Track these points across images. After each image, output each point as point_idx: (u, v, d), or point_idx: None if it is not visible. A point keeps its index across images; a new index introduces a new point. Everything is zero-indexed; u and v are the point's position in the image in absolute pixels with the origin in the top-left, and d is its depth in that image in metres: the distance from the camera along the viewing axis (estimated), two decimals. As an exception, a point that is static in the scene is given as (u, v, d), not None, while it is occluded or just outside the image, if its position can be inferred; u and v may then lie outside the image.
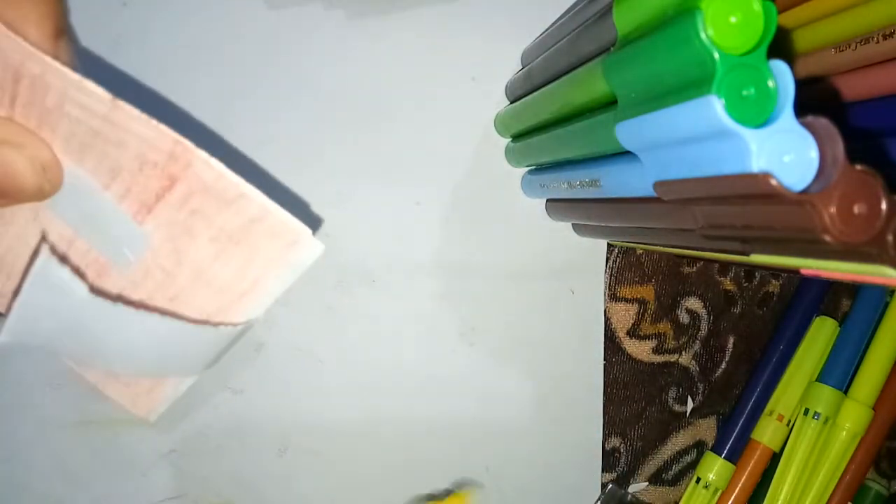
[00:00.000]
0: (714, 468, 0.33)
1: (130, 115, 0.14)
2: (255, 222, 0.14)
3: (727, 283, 0.35)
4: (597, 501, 0.33)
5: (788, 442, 0.33)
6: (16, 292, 0.16)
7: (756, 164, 0.14)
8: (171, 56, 0.27)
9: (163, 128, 0.13)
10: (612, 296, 0.33)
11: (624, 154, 0.20)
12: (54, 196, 0.15)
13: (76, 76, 0.14)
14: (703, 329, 0.34)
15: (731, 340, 0.35)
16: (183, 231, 0.14)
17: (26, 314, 0.16)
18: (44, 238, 0.15)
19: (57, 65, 0.14)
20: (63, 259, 0.15)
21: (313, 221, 0.29)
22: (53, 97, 0.14)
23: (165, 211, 0.14)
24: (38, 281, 0.15)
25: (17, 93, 0.14)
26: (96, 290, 0.16)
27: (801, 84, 0.14)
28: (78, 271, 0.16)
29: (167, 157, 0.14)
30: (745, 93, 0.14)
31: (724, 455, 0.33)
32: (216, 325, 0.15)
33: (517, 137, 0.30)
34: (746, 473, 0.33)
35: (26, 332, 0.16)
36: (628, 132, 0.19)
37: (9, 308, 0.16)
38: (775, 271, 0.35)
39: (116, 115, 0.14)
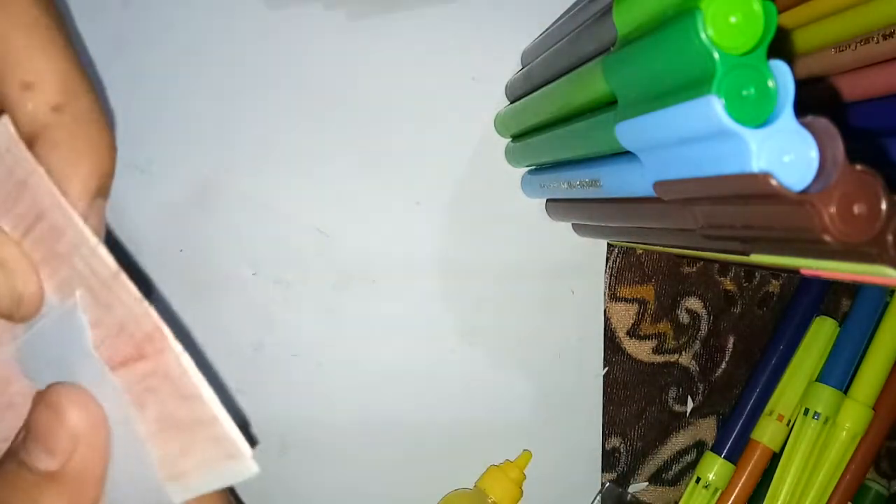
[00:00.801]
0: (714, 468, 0.33)
1: (127, 290, 0.14)
2: (203, 424, 0.14)
3: (727, 283, 0.35)
4: (594, 500, 0.33)
5: (788, 442, 0.33)
6: None
7: (756, 164, 0.14)
8: (171, 56, 0.27)
9: (152, 311, 0.14)
10: (612, 296, 0.33)
11: (624, 154, 0.20)
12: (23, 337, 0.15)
13: (94, 241, 0.14)
14: (703, 329, 0.34)
15: (731, 340, 0.35)
16: (134, 400, 0.15)
17: None
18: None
19: (81, 226, 0.14)
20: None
21: (314, 222, 0.29)
22: (65, 246, 0.14)
23: (125, 376, 0.15)
24: None
25: (34, 228, 0.14)
26: None
27: (801, 84, 0.14)
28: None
29: (145, 336, 0.14)
30: (745, 93, 0.14)
31: (724, 455, 0.33)
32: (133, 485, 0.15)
33: (517, 137, 0.30)
34: (746, 473, 0.33)
35: None
36: (628, 132, 0.19)
37: None
38: (775, 271, 0.35)
39: (115, 284, 0.14)
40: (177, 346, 0.14)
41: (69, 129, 0.13)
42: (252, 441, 0.23)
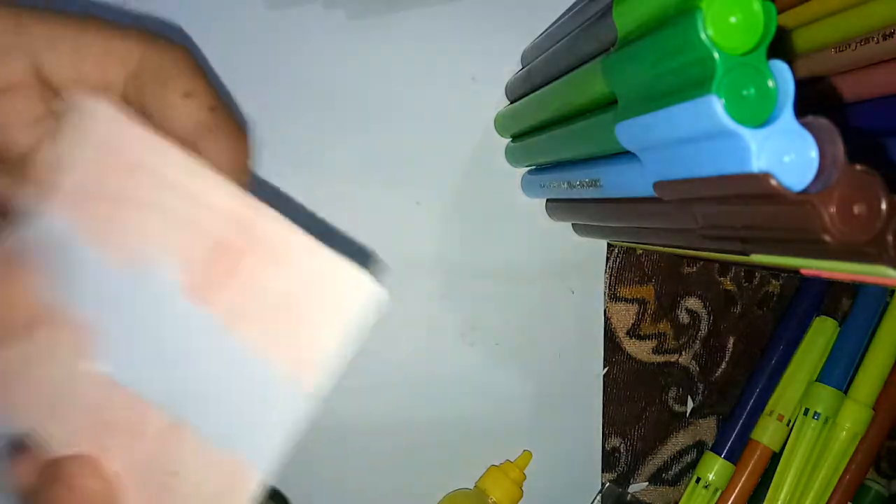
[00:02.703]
0: (714, 468, 0.33)
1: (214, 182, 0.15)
2: (311, 276, 0.14)
3: (727, 283, 0.35)
4: (594, 500, 0.33)
5: (788, 442, 0.33)
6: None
7: (756, 164, 0.14)
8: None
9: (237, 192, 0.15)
10: (612, 296, 0.33)
11: (624, 154, 0.20)
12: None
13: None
14: (703, 329, 0.34)
15: (731, 340, 0.35)
16: (235, 317, 0.15)
17: None
18: None
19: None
20: None
21: (314, 222, 0.29)
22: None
23: (223, 296, 0.15)
24: None
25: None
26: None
27: (801, 84, 0.14)
28: None
29: (238, 228, 0.14)
30: (745, 93, 0.14)
31: (724, 455, 0.33)
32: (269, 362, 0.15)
33: (517, 137, 0.30)
34: (746, 473, 0.33)
35: None
36: (628, 132, 0.19)
37: None
38: (775, 271, 0.35)
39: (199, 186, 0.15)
40: (268, 211, 0.14)
41: (225, 123, 0.16)
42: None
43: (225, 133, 0.16)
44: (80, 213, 0.14)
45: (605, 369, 0.33)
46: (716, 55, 0.14)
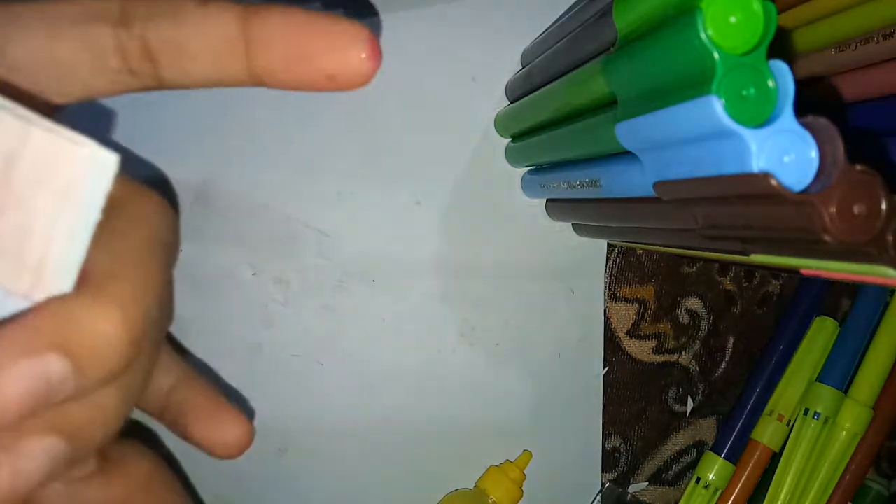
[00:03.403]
0: (714, 468, 0.33)
1: None
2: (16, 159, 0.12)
3: (727, 283, 0.35)
4: (594, 500, 0.33)
5: (788, 442, 0.33)
6: None
7: (756, 164, 0.14)
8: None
9: None
10: (612, 296, 0.33)
11: (624, 154, 0.20)
12: None
13: None
14: (703, 329, 0.34)
15: (731, 340, 0.35)
16: None
17: None
18: None
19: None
20: None
21: (314, 222, 0.29)
22: None
23: None
24: None
25: None
26: None
27: (801, 84, 0.14)
28: None
29: None
30: (745, 93, 0.14)
31: (724, 455, 0.33)
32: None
33: (517, 137, 0.30)
34: (746, 473, 0.33)
35: None
36: (628, 132, 0.19)
37: None
38: (775, 271, 0.35)
39: None
40: None
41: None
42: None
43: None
44: None
45: (605, 369, 0.33)
46: (716, 55, 0.14)
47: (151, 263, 0.14)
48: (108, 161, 0.13)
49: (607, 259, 0.32)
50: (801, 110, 0.14)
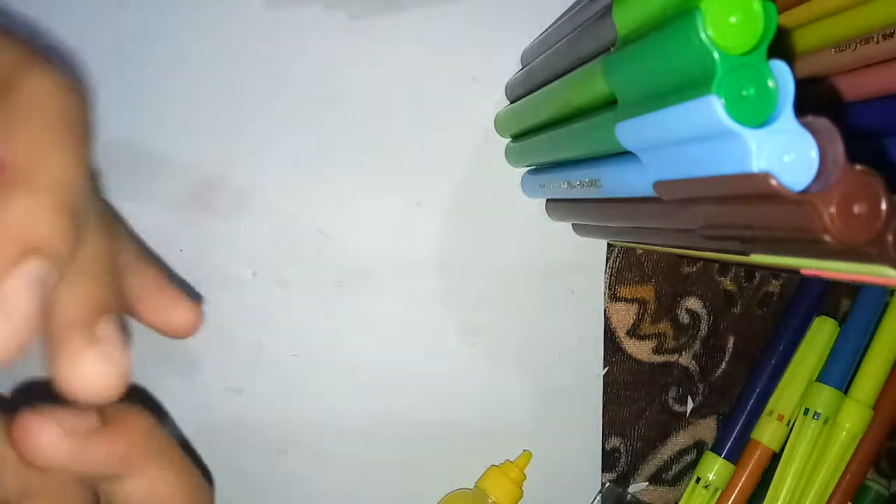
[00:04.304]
0: (714, 468, 0.33)
1: None
2: None
3: (727, 283, 0.35)
4: (594, 500, 0.33)
5: (788, 442, 0.33)
6: None
7: (756, 164, 0.14)
8: (168, 57, 0.27)
9: None
10: (612, 296, 0.33)
11: (624, 154, 0.20)
12: None
13: None
14: (703, 329, 0.34)
15: (731, 340, 0.35)
16: None
17: None
18: None
19: None
20: None
21: (314, 222, 0.29)
22: None
23: None
24: None
25: None
26: None
27: (801, 84, 0.14)
28: None
29: None
30: (744, 93, 0.14)
31: (724, 455, 0.33)
32: None
33: (517, 137, 0.30)
34: (746, 473, 0.33)
35: None
36: (628, 132, 0.19)
37: None
38: (775, 271, 0.35)
39: None
40: None
41: None
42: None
43: None
44: None
45: (605, 369, 0.33)
46: (716, 55, 0.14)
47: (60, 139, 0.15)
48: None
49: (607, 259, 0.32)
50: (801, 110, 0.14)
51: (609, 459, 0.33)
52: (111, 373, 0.14)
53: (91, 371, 0.14)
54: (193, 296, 0.27)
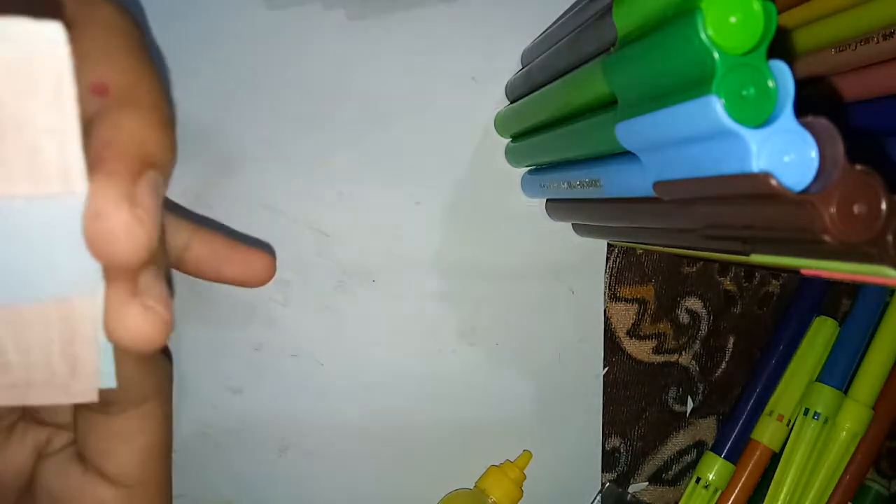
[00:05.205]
0: (714, 468, 0.33)
1: None
2: None
3: (727, 283, 0.35)
4: (594, 500, 0.33)
5: (788, 442, 0.33)
6: None
7: (756, 164, 0.14)
8: (168, 57, 0.27)
9: None
10: (612, 296, 0.33)
11: (624, 154, 0.20)
12: None
13: None
14: (703, 329, 0.34)
15: (731, 340, 0.35)
16: None
17: None
18: None
19: None
20: None
21: (314, 222, 0.29)
22: None
23: None
24: None
25: None
26: None
27: (801, 84, 0.14)
28: None
29: None
30: (745, 93, 0.14)
31: (723, 455, 0.33)
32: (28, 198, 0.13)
33: (517, 137, 0.30)
34: (746, 473, 0.33)
35: None
36: (628, 132, 0.19)
37: None
38: (775, 271, 0.35)
39: None
40: None
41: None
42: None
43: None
44: None
45: (605, 369, 0.33)
46: (716, 55, 0.14)
47: (143, 59, 0.15)
48: (54, 34, 0.12)
49: (607, 259, 0.32)
50: (801, 110, 0.14)
51: (609, 459, 0.33)
52: (153, 324, 0.14)
53: (133, 322, 0.14)
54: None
